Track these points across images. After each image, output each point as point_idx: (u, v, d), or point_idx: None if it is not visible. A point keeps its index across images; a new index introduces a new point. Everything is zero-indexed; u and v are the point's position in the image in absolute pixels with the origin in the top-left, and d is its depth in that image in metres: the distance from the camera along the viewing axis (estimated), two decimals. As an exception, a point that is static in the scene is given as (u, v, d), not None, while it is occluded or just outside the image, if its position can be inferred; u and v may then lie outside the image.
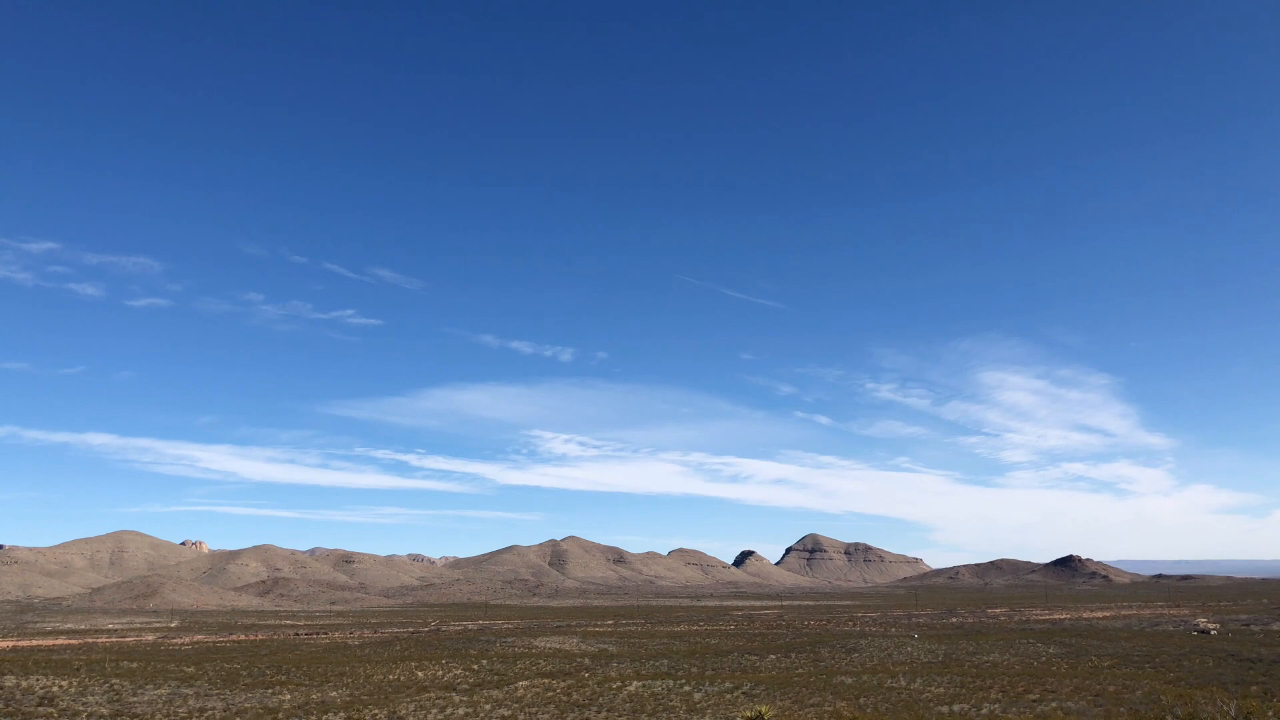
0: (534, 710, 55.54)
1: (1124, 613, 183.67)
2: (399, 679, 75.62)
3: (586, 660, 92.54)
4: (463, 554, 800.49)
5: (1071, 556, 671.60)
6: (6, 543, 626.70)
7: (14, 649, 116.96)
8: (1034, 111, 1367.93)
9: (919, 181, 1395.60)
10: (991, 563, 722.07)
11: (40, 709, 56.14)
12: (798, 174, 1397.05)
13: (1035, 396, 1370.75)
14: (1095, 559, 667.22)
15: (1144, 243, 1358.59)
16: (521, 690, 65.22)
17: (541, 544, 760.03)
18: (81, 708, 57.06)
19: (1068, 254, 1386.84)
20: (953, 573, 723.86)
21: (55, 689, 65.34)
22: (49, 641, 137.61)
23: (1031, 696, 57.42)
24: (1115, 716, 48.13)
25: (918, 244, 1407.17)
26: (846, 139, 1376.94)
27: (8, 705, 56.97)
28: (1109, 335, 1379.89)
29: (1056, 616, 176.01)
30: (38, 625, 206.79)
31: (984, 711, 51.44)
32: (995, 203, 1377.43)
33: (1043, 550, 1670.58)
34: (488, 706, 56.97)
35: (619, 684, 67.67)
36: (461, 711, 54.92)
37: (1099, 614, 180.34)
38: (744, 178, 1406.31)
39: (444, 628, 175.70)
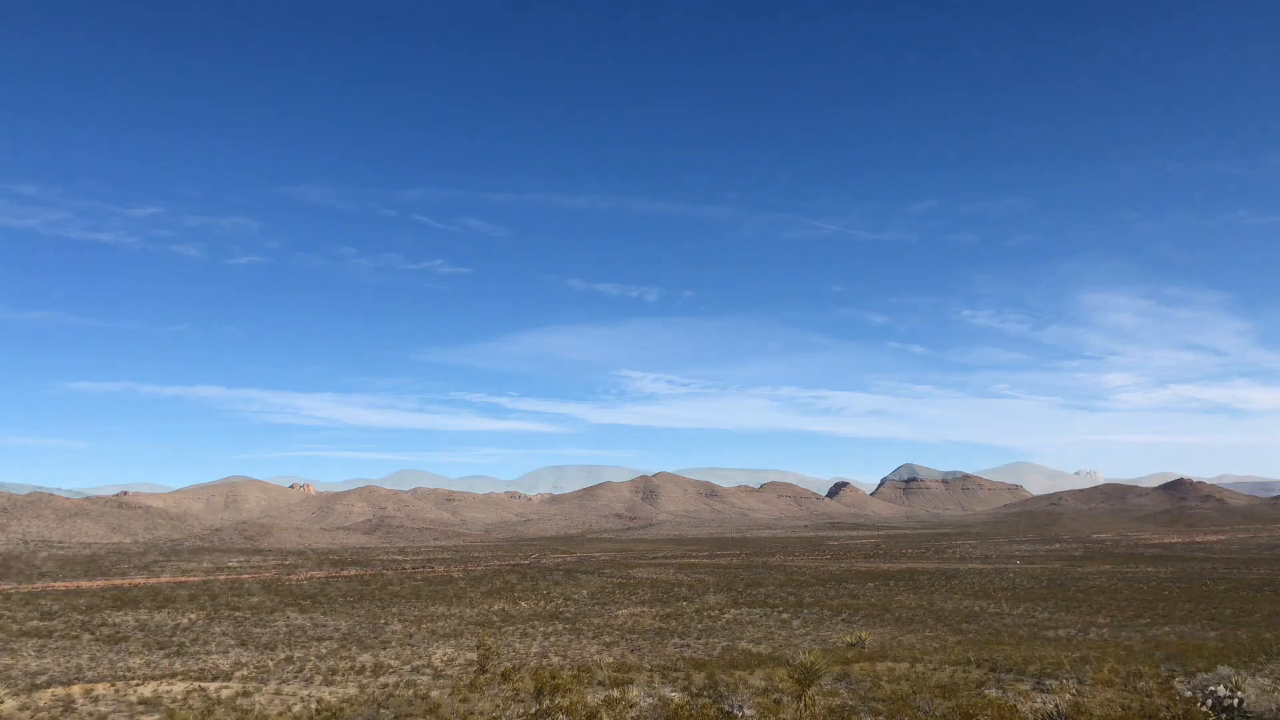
0: (635, 637, 56.59)
1: (1239, 536, 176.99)
2: (503, 609, 77.97)
3: (683, 589, 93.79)
4: (557, 491, 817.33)
5: (1182, 479, 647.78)
6: (131, 489, 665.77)
7: (146, 585, 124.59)
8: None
9: (1008, 112, 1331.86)
10: (1096, 488, 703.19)
11: (174, 638, 59.73)
12: (888, 105, 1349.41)
13: (1140, 317, 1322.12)
14: (1208, 481, 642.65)
15: (1254, 150, 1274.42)
16: (622, 618, 66.51)
17: (634, 479, 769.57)
18: (209, 636, 60.52)
19: (1169, 166, 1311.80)
20: (1055, 499, 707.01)
21: (184, 620, 69.43)
22: (177, 579, 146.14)
23: (1142, 620, 55.94)
24: (1232, 640, 46.51)
25: (1010, 164, 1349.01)
26: (937, 75, 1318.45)
27: (146, 634, 60.79)
28: (1220, 250, 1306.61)
29: (1168, 540, 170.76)
30: (164, 564, 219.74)
31: (1090, 635, 50.33)
32: (1095, 116, 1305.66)
33: (1150, 474, 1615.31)
34: (590, 634, 58.28)
35: (717, 611, 68.42)
36: (565, 639, 56.32)
37: (1211, 538, 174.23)
38: (836, 108, 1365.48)
39: (543, 560, 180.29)
